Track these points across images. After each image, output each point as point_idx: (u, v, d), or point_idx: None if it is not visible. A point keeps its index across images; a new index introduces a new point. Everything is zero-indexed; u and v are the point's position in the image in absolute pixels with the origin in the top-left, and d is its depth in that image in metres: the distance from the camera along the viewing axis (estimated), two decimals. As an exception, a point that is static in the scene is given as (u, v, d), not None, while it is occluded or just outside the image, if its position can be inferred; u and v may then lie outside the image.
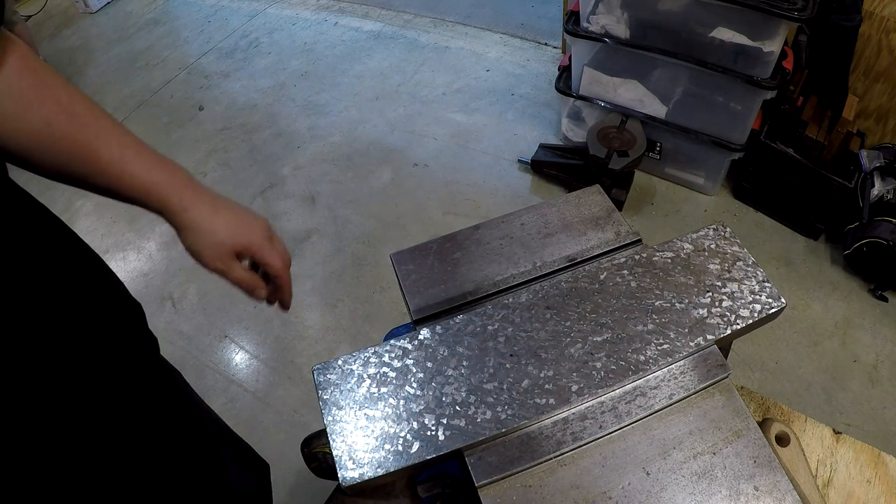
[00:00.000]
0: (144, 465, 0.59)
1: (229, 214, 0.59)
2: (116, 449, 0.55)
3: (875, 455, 0.62)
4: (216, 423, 0.81)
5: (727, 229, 0.52)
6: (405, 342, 0.47)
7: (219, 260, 0.58)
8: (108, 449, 0.54)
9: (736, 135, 1.73)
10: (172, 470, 0.63)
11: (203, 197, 0.57)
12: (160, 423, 0.62)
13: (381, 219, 1.97)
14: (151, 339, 0.66)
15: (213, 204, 0.58)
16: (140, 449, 0.58)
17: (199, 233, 0.57)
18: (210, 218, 0.57)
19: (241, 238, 0.59)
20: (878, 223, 1.57)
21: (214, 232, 0.57)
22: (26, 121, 0.48)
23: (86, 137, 0.51)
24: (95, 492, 0.52)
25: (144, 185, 0.54)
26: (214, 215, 0.57)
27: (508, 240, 0.58)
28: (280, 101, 2.44)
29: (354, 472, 0.41)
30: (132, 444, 0.57)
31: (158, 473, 0.61)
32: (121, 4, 3.11)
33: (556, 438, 0.43)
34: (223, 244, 0.58)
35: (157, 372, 0.65)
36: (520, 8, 2.77)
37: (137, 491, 0.57)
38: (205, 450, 0.72)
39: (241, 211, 0.61)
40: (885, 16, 1.59)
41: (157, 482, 0.60)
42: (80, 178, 0.53)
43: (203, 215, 0.57)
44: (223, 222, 0.58)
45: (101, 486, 0.53)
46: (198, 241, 0.57)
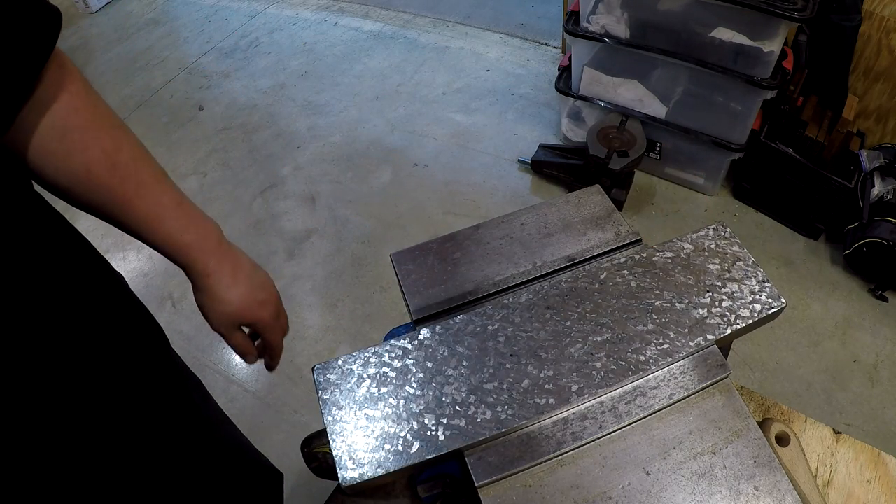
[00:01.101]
0: (148, 467, 0.58)
1: (245, 288, 0.60)
2: (119, 452, 0.55)
3: (875, 455, 0.62)
4: (232, 435, 0.81)
5: (727, 229, 0.52)
6: (405, 342, 0.47)
7: (223, 326, 0.61)
8: (111, 451, 0.54)
9: (736, 135, 1.73)
10: (186, 478, 0.63)
11: (226, 264, 0.59)
12: (165, 427, 0.62)
13: (381, 219, 1.97)
14: (161, 339, 0.66)
15: (234, 273, 0.59)
16: (154, 456, 0.58)
17: (214, 299, 0.59)
18: (228, 289, 0.59)
19: (251, 315, 0.61)
20: (878, 223, 1.57)
21: (229, 303, 0.59)
22: (67, 163, 0.49)
23: (124, 190, 0.52)
24: (97, 495, 0.52)
25: (176, 244, 0.56)
26: (233, 286, 0.59)
27: (508, 240, 0.58)
28: (280, 101, 2.44)
29: (354, 472, 0.41)
30: (146, 450, 0.57)
31: (173, 482, 0.61)
32: (121, 4, 3.11)
33: (556, 438, 0.43)
34: (232, 315, 0.60)
35: (161, 371, 0.65)
36: (520, 8, 2.77)
37: (140, 494, 0.57)
38: (218, 461, 0.72)
39: (257, 284, 0.62)
40: (885, 16, 1.59)
41: (171, 490, 0.60)
42: (115, 223, 0.54)
43: (222, 285, 0.59)
44: (238, 296, 0.60)
45: (102, 491, 0.53)
46: (210, 306, 0.59)
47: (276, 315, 0.64)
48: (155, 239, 0.55)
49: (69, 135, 0.48)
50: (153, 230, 0.54)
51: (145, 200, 0.53)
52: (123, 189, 0.52)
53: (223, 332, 0.62)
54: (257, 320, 0.62)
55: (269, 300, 0.63)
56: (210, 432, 0.73)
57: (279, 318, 0.65)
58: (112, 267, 0.61)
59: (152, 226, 0.54)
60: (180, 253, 0.56)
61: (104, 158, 0.50)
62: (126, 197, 0.52)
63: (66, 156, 0.48)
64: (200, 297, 0.60)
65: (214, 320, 0.60)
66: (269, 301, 0.63)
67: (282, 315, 0.66)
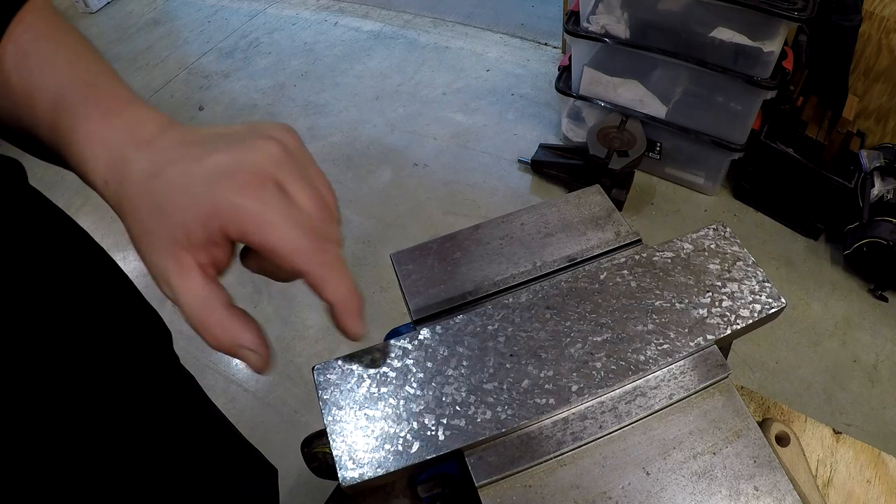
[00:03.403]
0: (152, 465, 0.58)
1: (196, 155, 0.32)
2: (124, 448, 0.55)
3: (875, 455, 0.62)
4: (227, 427, 0.81)
5: (727, 229, 0.52)
6: (405, 342, 0.47)
7: (166, 258, 0.31)
8: (115, 448, 0.54)
9: (736, 135, 1.73)
10: (181, 473, 0.63)
11: (152, 148, 0.33)
12: (170, 424, 0.62)
13: (381, 219, 1.97)
14: (165, 335, 0.65)
15: (162, 158, 0.32)
16: (148, 449, 0.58)
17: (127, 215, 0.33)
18: (146, 184, 0.32)
19: (213, 213, 0.30)
20: (878, 223, 1.57)
21: (156, 202, 0.31)
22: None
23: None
24: (100, 492, 0.52)
25: (72, 146, 0.34)
26: (162, 168, 0.32)
27: (508, 240, 0.58)
28: (280, 101, 2.44)
29: (354, 472, 0.41)
30: (140, 443, 0.57)
31: (166, 475, 0.61)
32: (121, 4, 3.11)
33: (556, 438, 0.43)
34: (177, 221, 0.31)
35: (169, 372, 0.65)
36: (520, 8, 2.77)
37: (144, 492, 0.57)
38: (214, 454, 0.72)
39: (216, 147, 0.32)
40: (885, 16, 1.59)
41: (164, 484, 0.60)
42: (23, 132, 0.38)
43: (139, 178, 0.32)
44: (179, 175, 0.31)
45: (107, 487, 0.53)
46: (130, 231, 0.33)
47: (288, 170, 0.33)
48: (53, 144, 0.35)
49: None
50: (51, 129, 0.35)
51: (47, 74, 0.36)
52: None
53: (158, 274, 0.32)
54: (236, 223, 0.30)
55: (253, 168, 0.31)
56: (209, 424, 0.73)
57: (300, 181, 0.33)
58: (115, 262, 0.60)
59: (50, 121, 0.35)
60: (73, 152, 0.34)
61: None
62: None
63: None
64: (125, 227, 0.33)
65: (143, 253, 0.32)
66: (254, 170, 0.31)
67: (310, 174, 0.35)
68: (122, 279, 0.59)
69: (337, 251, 0.33)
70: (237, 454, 0.79)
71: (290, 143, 0.35)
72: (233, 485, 0.74)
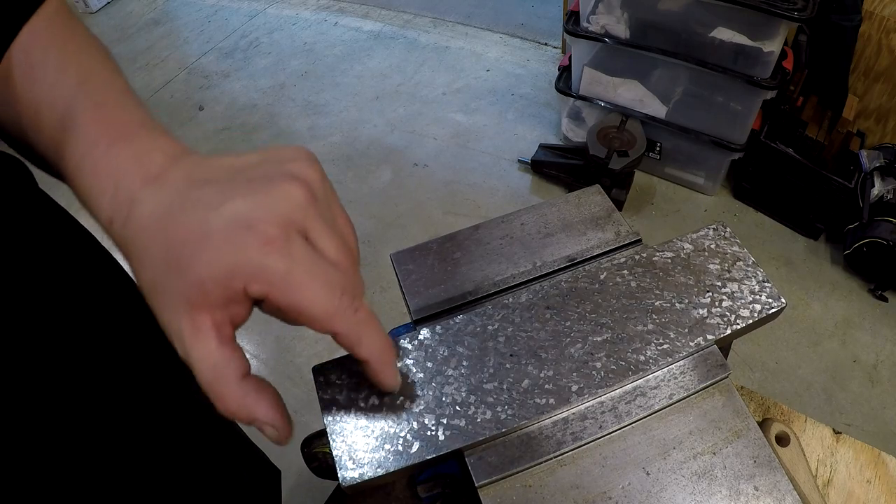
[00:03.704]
0: (158, 465, 0.58)
1: (210, 204, 0.29)
2: (130, 448, 0.55)
3: (875, 455, 0.62)
4: (232, 428, 0.81)
5: (727, 229, 0.52)
6: (405, 342, 0.47)
7: (180, 317, 0.29)
8: (120, 448, 0.54)
9: (736, 135, 1.73)
10: (185, 473, 0.63)
11: (161, 190, 0.30)
12: (176, 424, 0.62)
13: (381, 219, 1.97)
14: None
15: (173, 199, 0.29)
16: (154, 449, 0.58)
17: (134, 260, 0.31)
18: (156, 230, 0.29)
19: (226, 274, 0.27)
20: (878, 223, 1.57)
21: (170, 254, 0.29)
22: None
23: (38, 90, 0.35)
24: (104, 492, 0.52)
25: (79, 172, 0.32)
26: (174, 214, 0.29)
27: (508, 240, 0.58)
28: (280, 101, 2.44)
29: (354, 472, 0.41)
30: (146, 443, 0.57)
31: (171, 475, 0.61)
32: (121, 4, 3.11)
33: (556, 438, 0.43)
34: (194, 278, 0.28)
35: (175, 372, 0.65)
36: (520, 8, 2.77)
37: (149, 493, 0.57)
38: (219, 454, 0.72)
39: (246, 182, 0.30)
40: (885, 16, 1.59)
41: (169, 484, 0.60)
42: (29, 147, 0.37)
43: (149, 223, 0.29)
44: (189, 227, 0.28)
45: (112, 487, 0.53)
46: (139, 277, 0.31)
47: (314, 217, 0.30)
48: (63, 171, 0.33)
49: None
50: (58, 154, 0.34)
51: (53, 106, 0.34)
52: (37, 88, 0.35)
53: (174, 332, 0.29)
54: (260, 283, 0.28)
55: (277, 218, 0.28)
56: (214, 425, 0.73)
57: (328, 228, 0.31)
58: (119, 263, 0.60)
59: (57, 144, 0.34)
60: (81, 187, 0.32)
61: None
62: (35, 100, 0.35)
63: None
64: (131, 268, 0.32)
65: (157, 309, 0.30)
66: (279, 220, 0.28)
67: (337, 220, 0.34)
68: (125, 279, 0.59)
69: (366, 305, 0.32)
70: (241, 455, 0.79)
71: (314, 181, 0.32)
72: (237, 486, 0.74)
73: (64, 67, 0.36)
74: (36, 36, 0.37)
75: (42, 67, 0.36)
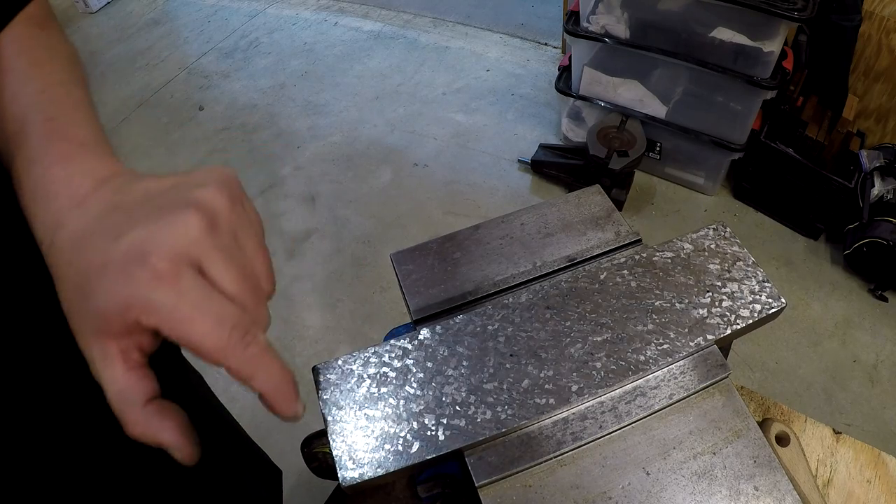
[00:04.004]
0: (159, 465, 0.58)
1: (115, 227, 0.29)
2: (132, 448, 0.55)
3: (875, 455, 0.62)
4: (234, 428, 0.81)
5: (727, 229, 0.52)
6: (405, 342, 0.47)
7: (90, 341, 0.29)
8: (123, 448, 0.53)
9: (736, 135, 1.73)
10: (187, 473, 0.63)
11: (83, 213, 0.31)
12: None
13: (381, 219, 1.97)
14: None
15: (88, 226, 0.30)
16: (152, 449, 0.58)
17: (57, 282, 0.31)
18: (70, 255, 0.30)
19: (127, 287, 0.28)
20: (878, 223, 1.57)
21: (77, 280, 0.29)
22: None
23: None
24: (107, 492, 0.52)
25: (25, 186, 0.33)
26: (84, 240, 0.30)
27: (508, 240, 0.58)
28: (280, 101, 2.44)
29: (354, 472, 0.41)
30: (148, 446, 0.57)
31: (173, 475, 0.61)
32: (121, 4, 3.11)
33: (556, 438, 0.43)
34: (93, 308, 0.29)
35: (178, 373, 0.65)
36: (520, 8, 2.77)
37: (151, 492, 0.57)
38: (221, 454, 0.72)
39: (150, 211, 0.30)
40: (885, 16, 1.59)
41: (171, 484, 0.60)
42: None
43: (66, 247, 0.30)
44: (99, 247, 0.29)
45: (114, 486, 0.53)
46: (60, 300, 0.30)
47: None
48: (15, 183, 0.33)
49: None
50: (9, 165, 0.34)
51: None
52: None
53: (90, 356, 0.30)
54: (151, 318, 0.28)
55: (169, 251, 0.28)
56: (216, 425, 0.73)
57: (229, 251, 0.31)
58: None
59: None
60: (27, 205, 0.32)
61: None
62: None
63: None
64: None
65: (75, 334, 0.30)
66: (170, 254, 0.28)
67: (246, 236, 0.33)
68: None
69: (261, 339, 0.31)
70: (243, 455, 0.79)
71: (219, 207, 0.31)
72: (238, 486, 0.74)
73: (28, 76, 0.36)
74: (11, 38, 0.37)
75: (10, 73, 0.36)
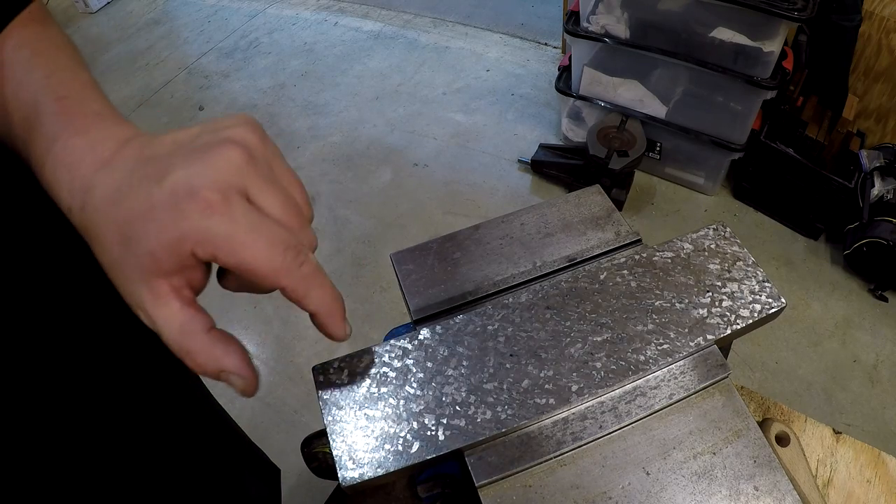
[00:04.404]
0: (159, 465, 0.58)
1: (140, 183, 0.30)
2: (131, 448, 0.55)
3: (875, 455, 0.62)
4: (233, 428, 0.81)
5: (727, 229, 0.52)
6: (405, 342, 0.47)
7: (140, 287, 0.30)
8: (122, 448, 0.54)
9: (736, 135, 1.73)
10: (187, 473, 0.63)
11: (108, 176, 0.31)
12: (177, 424, 0.62)
13: (381, 219, 1.97)
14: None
15: (122, 180, 0.31)
16: (155, 449, 0.58)
17: (94, 243, 0.32)
18: (108, 211, 0.30)
19: (179, 221, 0.29)
20: (878, 223, 1.57)
21: (122, 231, 0.30)
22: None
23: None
24: (107, 492, 0.52)
25: (41, 161, 0.33)
26: (121, 192, 0.30)
27: (508, 240, 0.58)
28: (280, 101, 2.44)
29: (354, 472, 0.41)
30: (148, 443, 0.57)
31: (173, 475, 0.61)
32: (121, 4, 3.11)
33: (556, 438, 0.43)
34: (144, 250, 0.29)
35: (176, 373, 0.65)
36: (520, 8, 2.77)
37: (151, 492, 0.57)
38: (220, 454, 0.72)
39: (169, 163, 0.30)
40: (885, 16, 1.59)
41: (171, 484, 0.60)
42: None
43: (102, 205, 0.31)
44: (133, 204, 0.30)
45: (114, 486, 0.53)
46: (100, 259, 0.32)
47: (254, 175, 0.31)
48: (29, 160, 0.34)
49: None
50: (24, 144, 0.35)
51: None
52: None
53: (136, 303, 0.31)
54: (206, 246, 0.29)
55: (216, 183, 0.29)
56: (214, 425, 0.73)
57: (271, 184, 0.32)
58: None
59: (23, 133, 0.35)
60: (45, 173, 0.33)
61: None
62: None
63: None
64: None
65: (118, 283, 0.31)
66: (217, 185, 0.29)
67: (280, 174, 0.33)
68: None
69: (312, 259, 0.32)
70: (242, 455, 0.79)
71: (252, 142, 0.32)
72: (237, 485, 0.74)
73: (32, 65, 0.37)
74: (9, 34, 0.38)
75: (12, 66, 0.36)
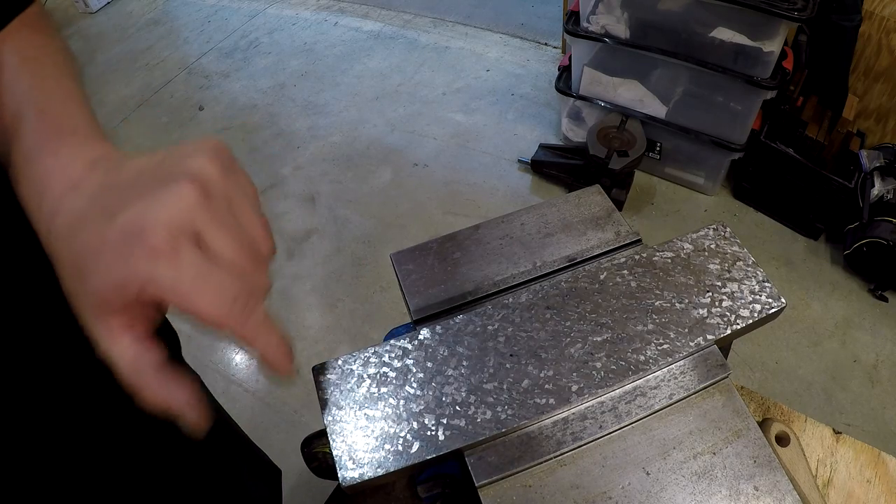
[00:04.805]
0: (160, 465, 0.58)
1: (97, 208, 0.30)
2: (132, 448, 0.55)
3: (875, 455, 0.62)
4: (233, 428, 0.81)
5: (727, 229, 0.52)
6: (405, 342, 0.47)
7: (93, 321, 0.30)
8: (122, 448, 0.53)
9: (736, 135, 1.73)
10: (187, 473, 0.63)
11: (76, 201, 0.31)
12: (174, 424, 0.62)
13: (381, 219, 1.97)
14: (173, 338, 0.65)
15: (83, 208, 0.30)
16: (156, 449, 0.58)
17: (58, 268, 0.31)
18: (67, 240, 0.30)
19: (125, 264, 0.28)
20: (878, 223, 1.57)
21: (76, 264, 0.30)
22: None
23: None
24: (107, 492, 0.52)
25: (21, 176, 0.33)
26: (79, 224, 0.30)
27: (508, 240, 0.58)
28: (280, 101, 2.44)
29: (354, 472, 0.41)
30: (148, 444, 0.57)
31: (173, 475, 0.61)
32: (121, 4, 3.11)
33: (556, 438, 0.43)
34: (92, 289, 0.29)
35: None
36: (520, 8, 2.77)
37: (152, 492, 0.57)
38: (220, 455, 0.72)
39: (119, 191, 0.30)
40: (885, 16, 1.59)
41: (171, 484, 0.60)
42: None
43: (63, 233, 0.30)
44: (95, 233, 0.29)
45: (114, 486, 0.53)
46: (62, 284, 0.31)
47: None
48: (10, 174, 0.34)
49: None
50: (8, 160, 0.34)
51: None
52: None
53: (95, 333, 0.30)
54: (152, 291, 0.28)
55: (165, 225, 0.28)
56: (215, 425, 0.73)
57: (220, 222, 0.30)
58: None
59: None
60: (23, 193, 0.33)
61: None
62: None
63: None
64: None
65: (79, 316, 0.31)
66: (166, 227, 0.28)
67: (237, 205, 0.32)
68: None
69: (261, 306, 0.32)
70: (242, 455, 0.79)
71: (211, 175, 0.31)
72: (238, 485, 0.74)
73: (19, 72, 0.36)
74: (2, 40, 0.37)
75: (2, 70, 0.36)
